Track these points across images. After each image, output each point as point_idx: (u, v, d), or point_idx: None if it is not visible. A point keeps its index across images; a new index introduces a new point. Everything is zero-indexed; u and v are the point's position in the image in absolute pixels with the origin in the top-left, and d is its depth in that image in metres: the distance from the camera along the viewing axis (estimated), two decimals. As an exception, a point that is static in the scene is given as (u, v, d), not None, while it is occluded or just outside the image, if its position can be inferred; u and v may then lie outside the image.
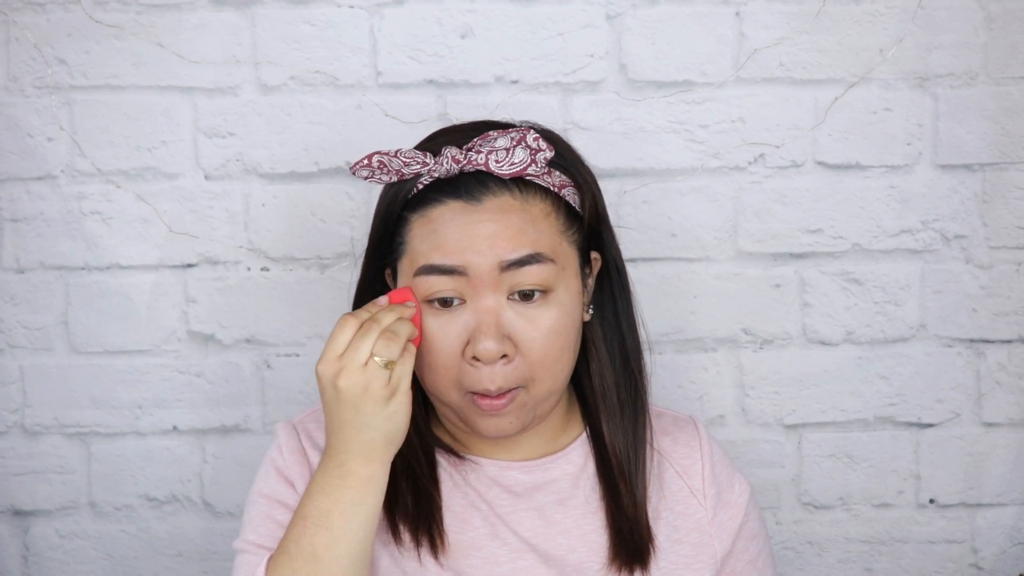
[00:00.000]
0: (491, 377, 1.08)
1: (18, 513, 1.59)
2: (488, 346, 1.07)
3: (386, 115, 1.54)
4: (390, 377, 1.05)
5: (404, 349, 1.06)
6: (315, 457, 1.18)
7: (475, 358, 1.08)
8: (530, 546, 1.15)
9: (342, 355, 1.06)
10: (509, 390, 1.10)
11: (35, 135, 1.54)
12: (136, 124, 1.54)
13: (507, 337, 1.08)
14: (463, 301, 1.09)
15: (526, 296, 1.09)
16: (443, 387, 1.11)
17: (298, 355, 1.57)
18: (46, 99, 1.54)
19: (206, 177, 1.55)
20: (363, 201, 1.55)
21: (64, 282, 1.56)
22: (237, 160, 1.55)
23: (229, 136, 1.54)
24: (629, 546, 1.15)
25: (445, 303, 1.09)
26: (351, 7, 1.53)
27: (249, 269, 1.57)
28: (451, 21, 1.54)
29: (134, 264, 1.56)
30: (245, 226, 1.56)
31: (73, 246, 1.56)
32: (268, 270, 1.57)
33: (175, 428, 1.58)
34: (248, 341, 1.57)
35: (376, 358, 1.04)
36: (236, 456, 1.57)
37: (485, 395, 1.09)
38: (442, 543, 1.14)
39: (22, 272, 1.56)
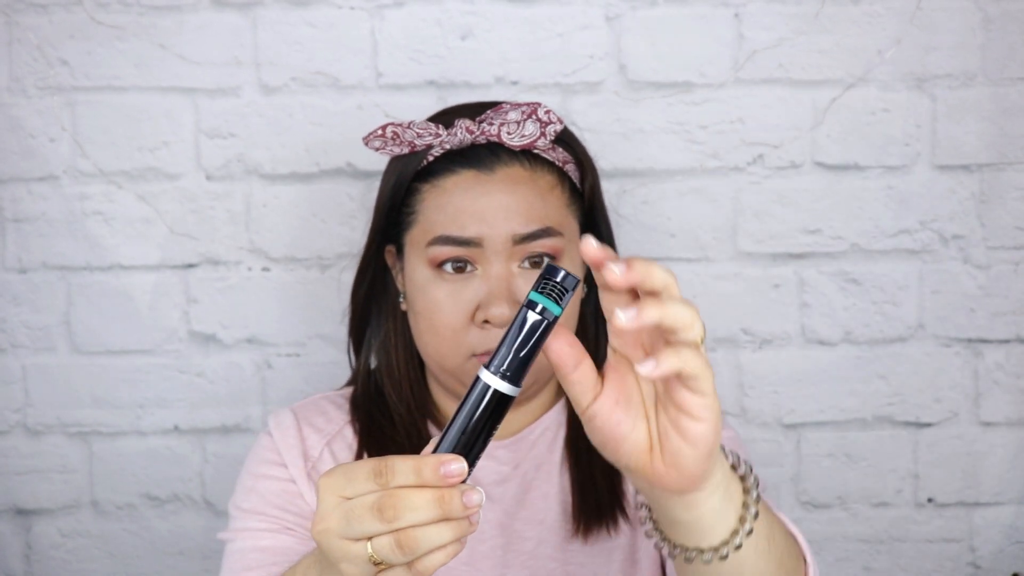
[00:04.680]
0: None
1: (20, 512, 1.60)
2: (502, 310, 1.10)
3: (387, 116, 1.54)
4: (376, 571, 0.79)
5: (415, 562, 0.77)
6: (310, 435, 1.21)
7: (486, 321, 1.11)
8: (511, 517, 1.18)
9: (333, 511, 0.78)
10: None
11: (37, 136, 1.55)
12: (138, 125, 1.55)
13: (517, 303, 1.11)
14: (474, 268, 1.12)
15: (536, 263, 1.12)
16: (446, 351, 1.13)
17: (299, 355, 1.58)
18: (48, 100, 1.54)
19: (207, 178, 1.56)
20: (364, 201, 1.55)
21: (66, 282, 1.57)
22: (238, 161, 1.55)
23: (230, 137, 1.55)
24: (594, 505, 1.17)
25: (459, 269, 1.12)
26: (352, 8, 1.54)
27: (250, 269, 1.57)
28: (451, 22, 1.54)
29: (136, 264, 1.57)
30: (246, 226, 1.56)
31: (75, 246, 1.56)
32: (269, 270, 1.57)
33: (176, 427, 1.59)
34: (249, 341, 1.58)
35: (369, 547, 0.77)
36: (237, 455, 1.58)
37: None
38: None
39: (24, 272, 1.57)
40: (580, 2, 1.54)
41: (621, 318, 0.72)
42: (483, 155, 1.13)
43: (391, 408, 1.21)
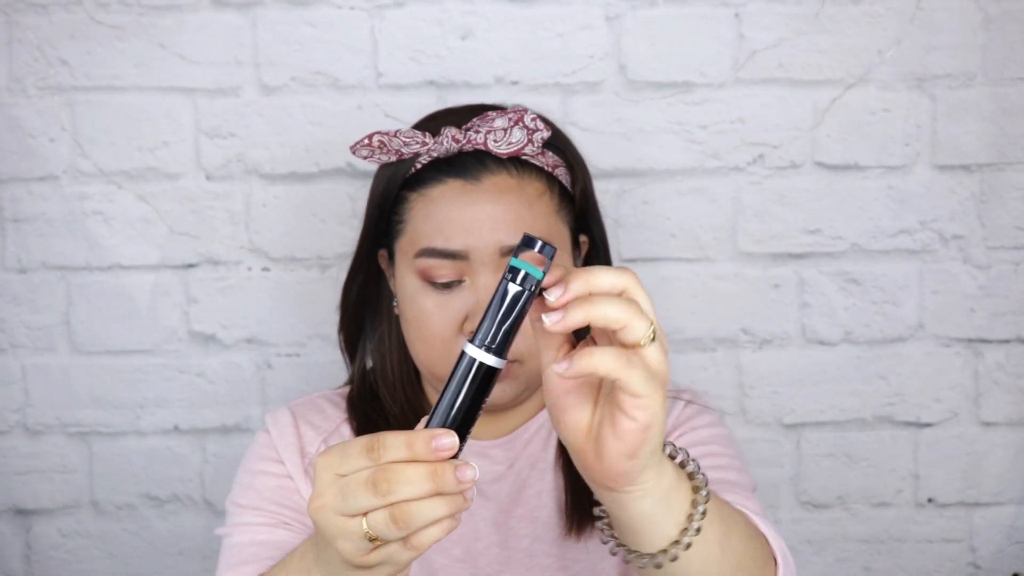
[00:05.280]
0: None
1: (20, 512, 1.60)
2: None
3: (386, 116, 1.54)
4: (371, 548, 0.79)
5: (410, 538, 0.77)
6: (307, 433, 1.21)
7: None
8: (506, 515, 1.19)
9: (329, 488, 0.79)
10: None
11: (37, 136, 1.55)
12: (137, 125, 1.55)
13: None
14: (462, 281, 1.12)
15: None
16: (436, 360, 1.14)
17: (299, 355, 1.58)
18: (48, 100, 1.54)
19: (207, 177, 1.56)
20: (363, 201, 1.55)
21: (66, 282, 1.57)
22: (238, 160, 1.55)
23: (230, 137, 1.55)
24: (587, 503, 1.17)
25: (446, 285, 1.12)
26: (352, 8, 1.54)
27: (250, 269, 1.57)
28: (451, 22, 1.54)
29: (135, 264, 1.57)
30: (246, 226, 1.56)
31: (75, 246, 1.56)
32: (269, 270, 1.57)
33: (176, 427, 1.59)
34: (249, 341, 1.58)
35: (364, 523, 0.77)
36: (237, 455, 1.57)
37: None
38: None
39: (24, 272, 1.57)
40: (580, 2, 1.54)
41: (546, 322, 0.73)
42: (470, 164, 1.13)
43: (386, 409, 1.21)
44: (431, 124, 1.17)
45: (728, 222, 1.57)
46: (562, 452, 1.21)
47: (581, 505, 1.17)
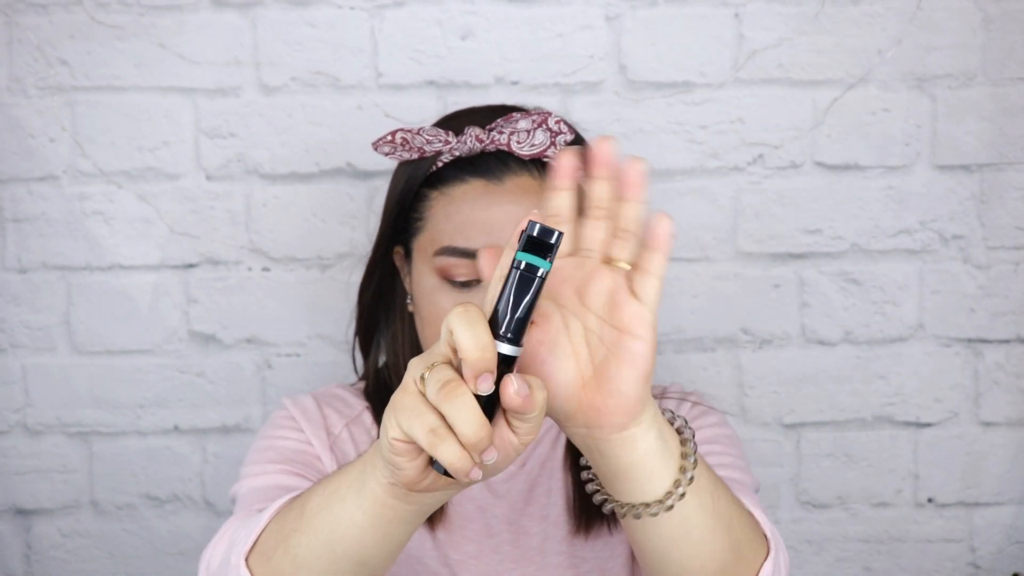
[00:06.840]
0: None
1: (20, 512, 1.60)
2: None
3: (387, 116, 1.54)
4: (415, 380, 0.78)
5: (447, 395, 0.76)
6: (331, 415, 1.22)
7: None
8: (518, 513, 1.19)
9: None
10: None
11: (37, 136, 1.55)
12: (138, 125, 1.55)
13: None
14: (480, 280, 1.11)
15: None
16: None
17: (299, 355, 1.58)
18: (48, 100, 1.54)
19: (207, 177, 1.56)
20: (364, 201, 1.55)
21: (66, 282, 1.57)
22: (238, 161, 1.55)
23: (230, 137, 1.55)
24: (594, 502, 1.18)
25: (465, 284, 1.11)
26: (352, 8, 1.54)
27: (250, 269, 1.57)
28: (451, 22, 1.54)
29: (136, 264, 1.57)
30: (246, 226, 1.56)
31: (75, 246, 1.56)
32: (269, 270, 1.57)
33: (176, 427, 1.59)
34: (249, 341, 1.58)
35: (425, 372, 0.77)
36: (237, 455, 1.58)
37: None
38: (443, 513, 1.17)
39: (24, 272, 1.57)
40: (580, 2, 1.54)
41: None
42: (492, 164, 1.13)
43: None
44: (453, 123, 1.18)
45: (728, 222, 1.57)
46: (570, 452, 1.21)
47: (589, 504, 1.17)
